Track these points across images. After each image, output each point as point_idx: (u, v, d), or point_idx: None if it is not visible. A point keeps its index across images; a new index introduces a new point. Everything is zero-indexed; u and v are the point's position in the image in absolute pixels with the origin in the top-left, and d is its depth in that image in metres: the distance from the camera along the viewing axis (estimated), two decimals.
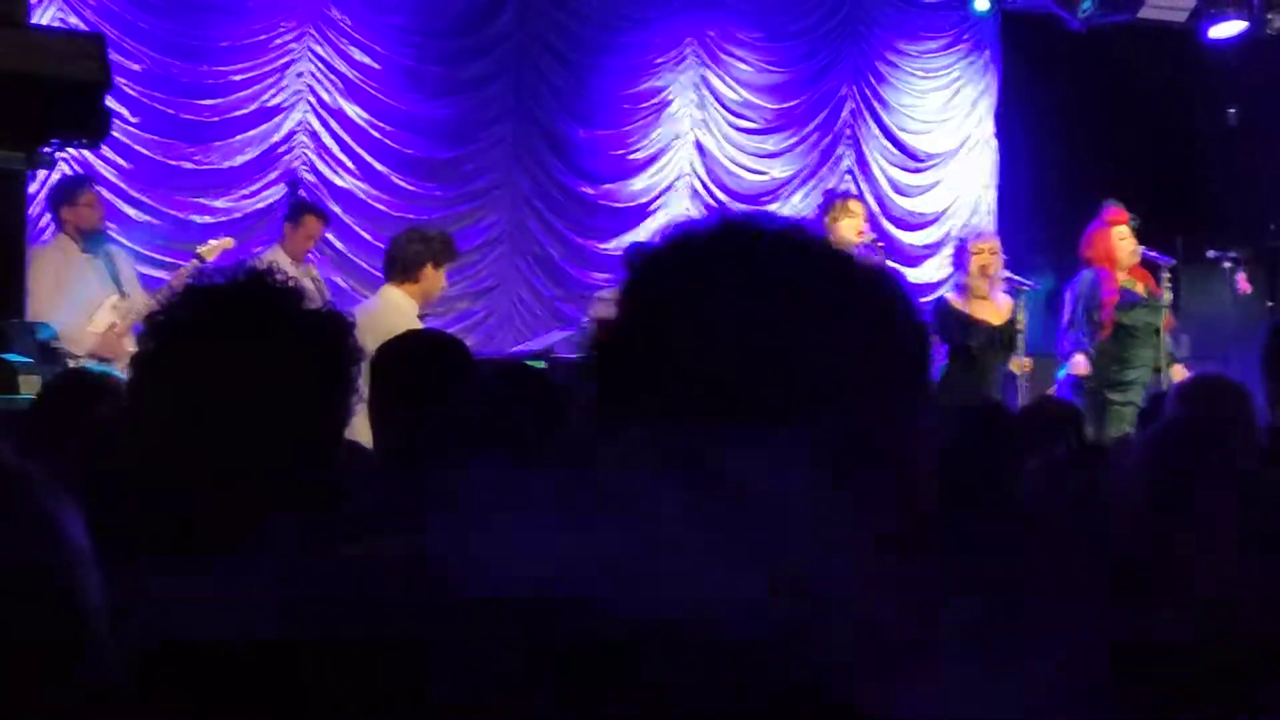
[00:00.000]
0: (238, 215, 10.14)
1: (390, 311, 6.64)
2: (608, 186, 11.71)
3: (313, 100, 10.57)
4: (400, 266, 7.04)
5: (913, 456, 1.17)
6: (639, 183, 11.82)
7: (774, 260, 1.16)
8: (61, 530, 1.14)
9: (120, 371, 5.03)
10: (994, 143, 13.20)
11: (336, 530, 1.82)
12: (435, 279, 7.11)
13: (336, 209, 10.37)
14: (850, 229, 8.34)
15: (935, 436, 1.24)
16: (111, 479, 1.90)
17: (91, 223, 7.82)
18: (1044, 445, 3.72)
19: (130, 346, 6.65)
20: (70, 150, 8.19)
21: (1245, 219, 11.62)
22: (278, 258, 7.83)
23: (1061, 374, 8.44)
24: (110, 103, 7.54)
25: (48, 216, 9.35)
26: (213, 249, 8.29)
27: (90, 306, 7.68)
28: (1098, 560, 2.13)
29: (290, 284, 1.91)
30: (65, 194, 7.93)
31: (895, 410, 1.15)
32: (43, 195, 9.12)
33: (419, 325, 7.12)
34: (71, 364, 6.95)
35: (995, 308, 8.28)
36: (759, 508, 1.05)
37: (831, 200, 8.72)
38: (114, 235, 8.28)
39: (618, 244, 10.76)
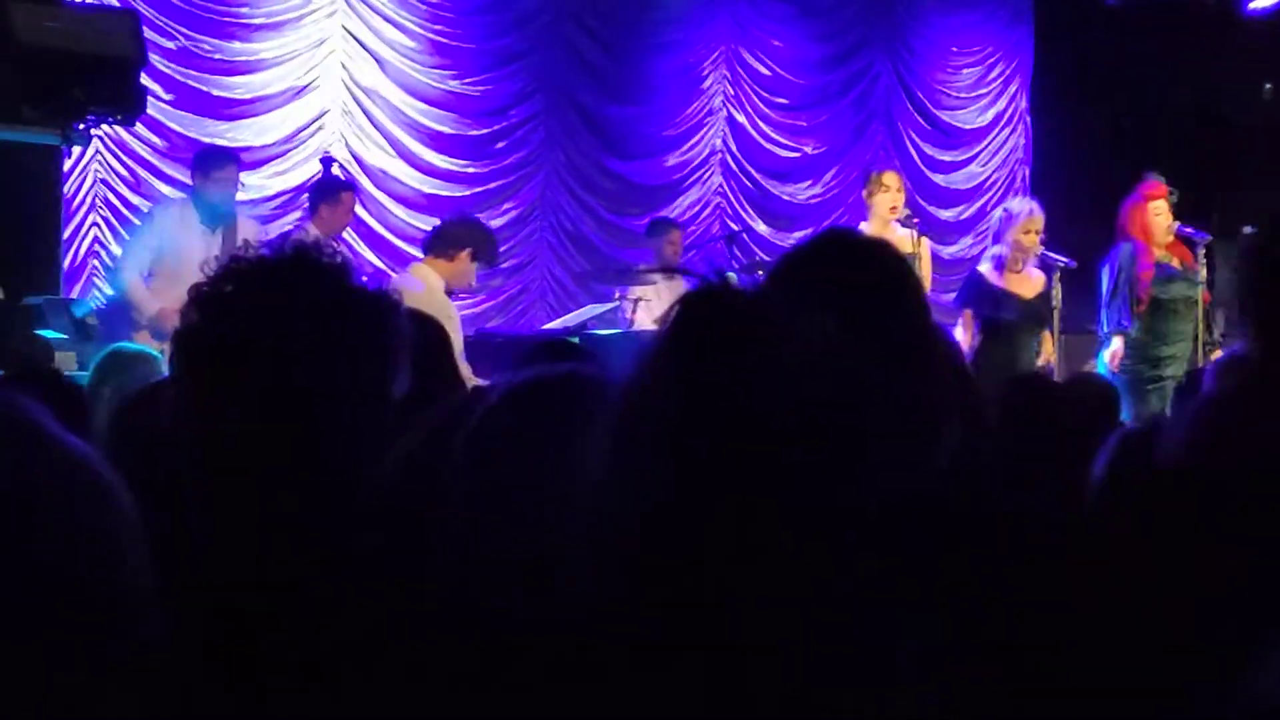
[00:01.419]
0: (270, 193, 10.14)
1: (435, 291, 6.79)
2: (640, 162, 11.68)
3: (345, 77, 10.55)
4: (443, 242, 7.19)
5: None
6: (671, 159, 11.80)
7: None
8: (116, 504, 1.16)
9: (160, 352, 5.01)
10: (1028, 118, 13.13)
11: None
12: (468, 266, 7.25)
13: (368, 186, 10.37)
14: (884, 204, 8.36)
15: None
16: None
17: (216, 194, 7.82)
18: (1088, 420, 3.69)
19: None
20: (105, 127, 8.21)
21: None
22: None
23: (1101, 367, 8.32)
24: (144, 80, 7.57)
25: (84, 194, 9.42)
26: None
27: (180, 274, 7.44)
28: None
29: (338, 258, 1.86)
30: (204, 163, 7.96)
31: None
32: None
33: (450, 305, 7.24)
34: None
35: (1029, 281, 8.27)
36: None
37: (868, 175, 8.77)
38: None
39: (650, 220, 10.73)
